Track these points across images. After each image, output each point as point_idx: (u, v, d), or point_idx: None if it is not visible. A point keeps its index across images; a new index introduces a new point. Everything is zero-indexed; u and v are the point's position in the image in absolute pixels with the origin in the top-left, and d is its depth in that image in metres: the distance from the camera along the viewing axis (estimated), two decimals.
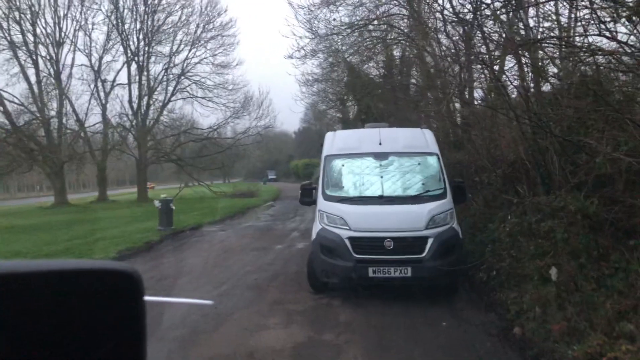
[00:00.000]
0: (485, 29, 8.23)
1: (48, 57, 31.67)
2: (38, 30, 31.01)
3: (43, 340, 0.66)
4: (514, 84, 7.98)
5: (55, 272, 0.70)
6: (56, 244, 13.15)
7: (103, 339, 0.70)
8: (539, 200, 6.27)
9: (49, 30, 31.57)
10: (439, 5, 10.36)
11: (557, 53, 7.18)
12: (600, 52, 5.61)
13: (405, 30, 13.74)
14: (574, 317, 4.94)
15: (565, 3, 6.89)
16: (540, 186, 7.35)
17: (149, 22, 33.29)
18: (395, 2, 14.00)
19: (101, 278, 0.73)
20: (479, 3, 8.27)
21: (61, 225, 18.00)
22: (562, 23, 7.41)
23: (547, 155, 7.03)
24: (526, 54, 7.37)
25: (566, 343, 4.69)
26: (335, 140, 8.23)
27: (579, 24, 6.85)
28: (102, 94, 33.41)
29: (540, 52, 7.30)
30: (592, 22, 5.31)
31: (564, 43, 6.60)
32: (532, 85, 8.00)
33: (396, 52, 17.94)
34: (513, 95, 8.12)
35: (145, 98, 34.25)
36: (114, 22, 32.50)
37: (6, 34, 29.60)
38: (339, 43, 16.00)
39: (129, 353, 0.73)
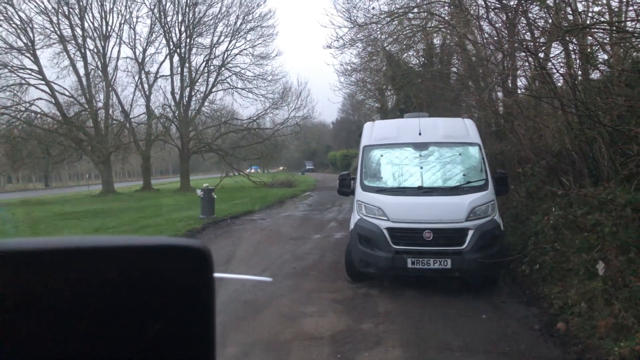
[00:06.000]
0: (530, 14, 7.96)
1: (95, 51, 32.94)
2: (86, 25, 32.29)
3: (109, 316, 0.67)
4: (560, 71, 7.70)
5: (124, 248, 0.71)
6: (104, 230, 13.73)
7: (172, 315, 0.71)
8: (585, 192, 6.06)
9: (96, 24, 32.84)
10: None
11: (608, 39, 6.88)
12: None
13: (446, 18, 13.41)
14: (622, 313, 4.78)
15: None
16: (586, 177, 7.10)
17: (191, 15, 34.02)
18: None
19: (171, 254, 0.73)
20: None
21: (108, 213, 18.74)
22: (613, 7, 7.09)
23: (595, 145, 6.78)
24: (574, 40, 7.08)
25: (612, 339, 4.56)
26: (374, 131, 8.18)
27: (630, 8, 6.55)
28: (145, 86, 34.55)
29: (590, 38, 7.01)
30: None
31: (614, 28, 6.32)
32: (579, 72, 7.70)
33: (436, 41, 17.56)
34: (559, 84, 7.84)
35: (187, 89, 35.08)
36: (157, 15, 33.37)
37: (56, 28, 30.95)
38: (378, 32, 15.75)
39: (198, 329, 0.74)
